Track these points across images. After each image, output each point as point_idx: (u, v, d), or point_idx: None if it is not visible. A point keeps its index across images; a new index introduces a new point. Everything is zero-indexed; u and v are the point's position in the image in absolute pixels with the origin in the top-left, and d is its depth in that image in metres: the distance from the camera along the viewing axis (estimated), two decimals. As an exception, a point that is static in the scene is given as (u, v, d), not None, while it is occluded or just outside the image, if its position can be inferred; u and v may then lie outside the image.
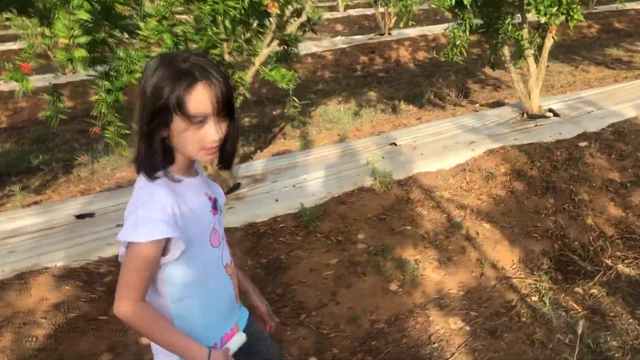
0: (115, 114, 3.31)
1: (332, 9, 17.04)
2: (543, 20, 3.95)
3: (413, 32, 11.53)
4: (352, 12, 16.06)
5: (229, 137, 1.40)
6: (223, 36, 3.41)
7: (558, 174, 4.38)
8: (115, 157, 6.13)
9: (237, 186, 4.33)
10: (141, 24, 3.23)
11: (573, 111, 5.57)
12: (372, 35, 11.74)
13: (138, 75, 3.16)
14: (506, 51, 5.15)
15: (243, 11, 3.39)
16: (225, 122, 1.37)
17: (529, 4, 3.95)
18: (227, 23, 3.23)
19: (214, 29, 3.37)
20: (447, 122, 5.72)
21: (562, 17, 3.90)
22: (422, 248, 3.66)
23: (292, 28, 4.00)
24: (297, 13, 4.08)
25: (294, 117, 7.34)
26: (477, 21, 5.11)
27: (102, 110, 3.14)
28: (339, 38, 11.67)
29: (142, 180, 1.36)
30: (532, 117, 5.39)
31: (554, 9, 3.82)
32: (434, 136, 5.28)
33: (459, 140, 5.03)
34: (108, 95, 3.07)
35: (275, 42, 4.03)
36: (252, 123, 7.28)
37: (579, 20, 3.94)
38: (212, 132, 1.32)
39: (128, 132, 3.66)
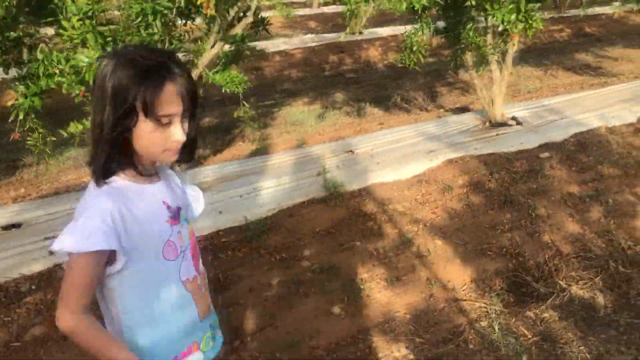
0: (37, 120, 3.04)
1: (308, 5, 16.79)
2: (501, 27, 3.79)
3: (385, 31, 11.36)
4: (327, 9, 15.83)
5: (190, 133, 1.36)
6: (157, 37, 3.16)
7: (517, 187, 4.23)
8: (64, 158, 5.83)
9: (179, 196, 4.08)
10: (65, 23, 2.96)
11: (537, 119, 5.43)
12: (343, 33, 11.52)
13: (59, 79, 2.89)
14: (469, 57, 4.98)
15: (179, 11, 3.14)
16: (187, 119, 1.33)
17: (485, 10, 3.78)
18: (158, 24, 2.98)
19: (149, 29, 3.12)
20: (409, 128, 5.54)
21: (522, 25, 3.74)
22: (371, 266, 3.47)
23: (237, 29, 3.76)
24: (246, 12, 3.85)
25: (254, 119, 7.11)
26: (440, 24, 4.94)
27: (20, 117, 2.86)
28: (309, 36, 11.44)
29: (91, 184, 1.31)
30: (495, 125, 5.24)
31: (513, 17, 3.66)
32: (393, 144, 5.09)
33: (418, 149, 4.85)
34: (25, 100, 2.80)
35: (221, 43, 3.78)
36: (212, 124, 7.02)
37: (537, 29, 3.79)
38: (178, 133, 1.28)
39: (54, 138, 3.39)
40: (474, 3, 3.84)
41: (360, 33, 11.34)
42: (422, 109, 7.09)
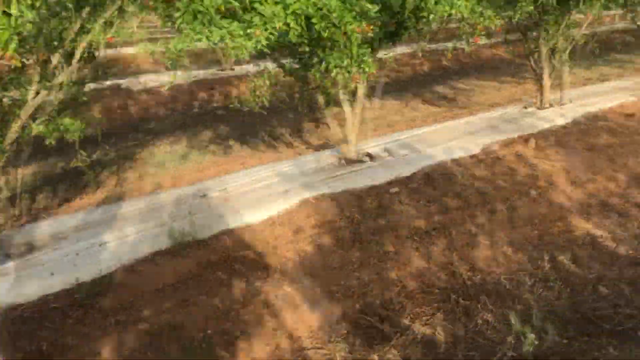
0: None
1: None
2: (333, 73, 3.89)
3: (255, 68, 11.38)
4: (200, 44, 15.62)
5: None
6: (-41, 89, 2.84)
7: (367, 224, 4.29)
8: None
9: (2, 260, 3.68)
10: None
11: (390, 155, 5.61)
12: (214, 70, 11.40)
13: None
14: (320, 97, 5.06)
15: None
16: None
17: (318, 55, 3.87)
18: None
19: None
20: (269, 168, 5.49)
21: (355, 70, 3.87)
22: (215, 322, 3.30)
23: (62, 77, 3.51)
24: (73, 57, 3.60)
25: (119, 161, 6.75)
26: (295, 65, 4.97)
27: None
28: (178, 73, 11.16)
29: None
30: (350, 162, 5.34)
31: (346, 62, 3.77)
32: (252, 184, 5.01)
33: (274, 190, 4.80)
34: None
35: (44, 92, 3.50)
36: (66, 170, 6.53)
37: (370, 72, 3.93)
38: None
39: None
40: (307, 49, 3.91)
41: (232, 69, 11.30)
42: (289, 145, 7.10)
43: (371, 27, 3.57)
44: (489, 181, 5.05)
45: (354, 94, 5.19)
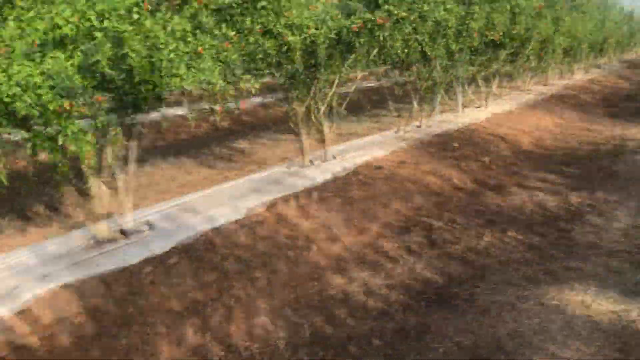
0: None
1: None
2: (73, 148, 3.77)
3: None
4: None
5: None
6: None
7: (112, 316, 4.05)
8: None
9: None
10: None
11: (171, 221, 5.46)
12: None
13: None
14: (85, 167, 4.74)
15: None
16: None
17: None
18: None
19: None
20: (30, 250, 4.95)
21: (74, 147, 3.79)
22: None
23: None
24: None
25: None
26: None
27: None
28: None
29: None
30: (101, 242, 5.00)
31: (60, 140, 3.65)
32: (6, 271, 4.51)
33: (31, 276, 4.37)
34: None
35: None
36: None
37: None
38: None
39: None
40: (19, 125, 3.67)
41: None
42: (43, 225, 6.31)
43: (73, 104, 3.47)
44: (249, 247, 5.18)
45: (99, 168, 4.95)
